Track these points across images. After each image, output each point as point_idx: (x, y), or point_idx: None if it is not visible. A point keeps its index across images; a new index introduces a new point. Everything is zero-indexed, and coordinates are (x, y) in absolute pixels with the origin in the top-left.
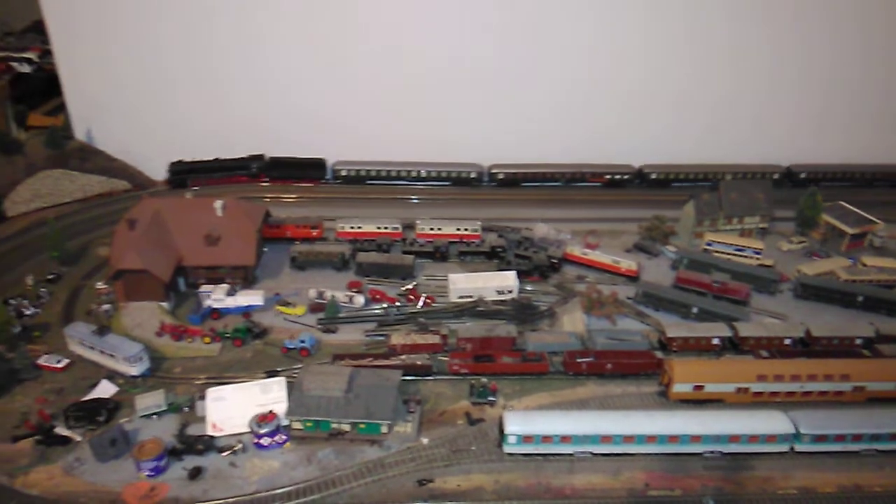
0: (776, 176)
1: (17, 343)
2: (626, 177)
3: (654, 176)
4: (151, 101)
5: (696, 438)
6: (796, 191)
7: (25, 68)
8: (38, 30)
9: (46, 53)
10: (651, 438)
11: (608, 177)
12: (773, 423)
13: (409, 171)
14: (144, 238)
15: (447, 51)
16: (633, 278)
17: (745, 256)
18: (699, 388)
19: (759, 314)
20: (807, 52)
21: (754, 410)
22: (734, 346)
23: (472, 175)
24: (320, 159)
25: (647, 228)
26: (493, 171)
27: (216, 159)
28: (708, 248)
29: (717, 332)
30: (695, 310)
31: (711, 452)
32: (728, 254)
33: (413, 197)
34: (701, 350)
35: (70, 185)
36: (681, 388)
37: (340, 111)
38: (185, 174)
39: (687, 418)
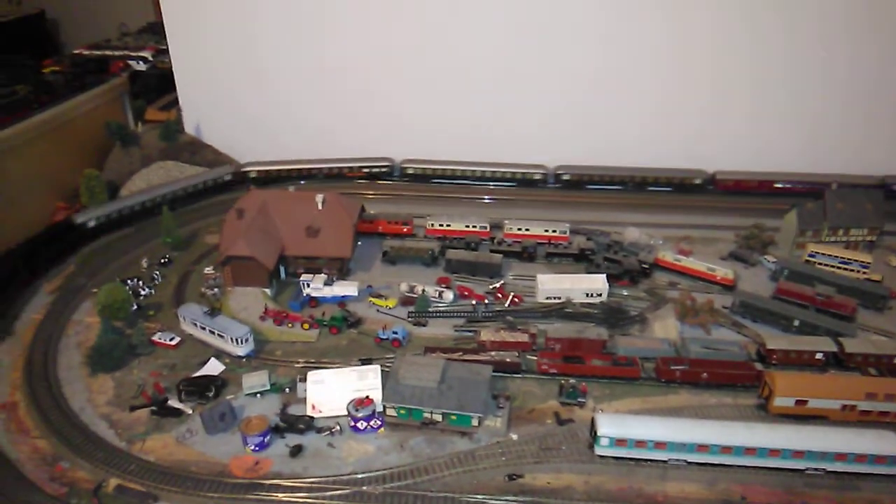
0: (537, 176)
1: (134, 320)
2: (384, 170)
3: (410, 171)
4: (256, 100)
5: (798, 454)
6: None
7: (141, 66)
8: (152, 31)
9: (160, 52)
10: (750, 451)
11: (366, 170)
12: (883, 443)
13: None
14: (252, 227)
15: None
16: (728, 287)
17: (851, 270)
18: (802, 402)
19: (865, 331)
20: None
21: (862, 429)
22: (839, 362)
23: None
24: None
25: (745, 237)
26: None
27: None
28: (811, 259)
29: (821, 346)
30: (797, 322)
31: (815, 469)
32: (832, 266)
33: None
34: (803, 364)
35: (180, 176)
36: (783, 401)
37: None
38: None
39: (790, 432)
